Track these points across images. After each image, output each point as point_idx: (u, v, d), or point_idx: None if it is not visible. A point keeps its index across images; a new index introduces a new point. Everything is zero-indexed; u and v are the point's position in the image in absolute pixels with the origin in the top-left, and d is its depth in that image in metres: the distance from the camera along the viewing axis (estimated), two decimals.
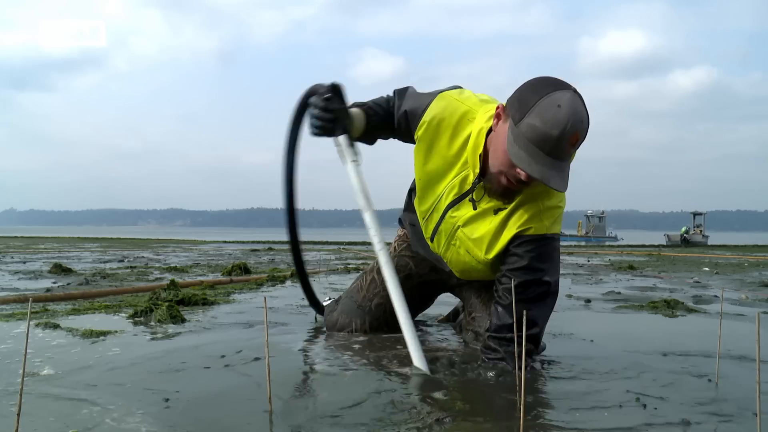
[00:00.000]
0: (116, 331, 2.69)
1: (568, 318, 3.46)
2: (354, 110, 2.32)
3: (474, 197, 2.17)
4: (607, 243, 37.23)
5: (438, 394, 1.76)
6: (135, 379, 1.89)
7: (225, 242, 23.25)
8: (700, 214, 42.74)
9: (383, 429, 1.45)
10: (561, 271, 7.49)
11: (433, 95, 2.25)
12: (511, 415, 1.56)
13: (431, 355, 2.22)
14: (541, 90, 1.84)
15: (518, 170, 1.89)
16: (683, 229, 39.32)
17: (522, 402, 1.29)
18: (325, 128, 2.24)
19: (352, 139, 2.33)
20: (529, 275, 2.10)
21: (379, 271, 2.63)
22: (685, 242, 35.17)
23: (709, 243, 34.37)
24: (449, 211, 2.25)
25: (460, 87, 2.30)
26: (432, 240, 2.40)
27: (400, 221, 2.79)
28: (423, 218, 2.41)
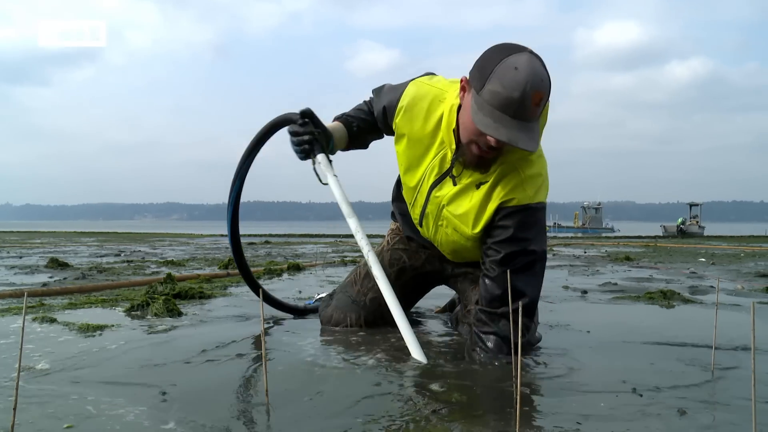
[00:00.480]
0: (113, 325, 2.69)
1: (564, 309, 3.47)
2: (333, 125, 2.48)
3: (454, 173, 2.20)
4: (603, 234, 37.28)
5: (434, 386, 1.77)
6: (131, 373, 1.89)
7: (222, 236, 23.21)
8: (697, 204, 42.82)
9: (379, 421, 1.45)
10: (558, 263, 7.52)
11: (405, 84, 2.34)
12: (508, 405, 1.57)
13: (427, 347, 2.22)
14: (497, 56, 1.87)
15: (487, 138, 1.92)
16: (679, 220, 39.38)
17: (518, 392, 1.30)
18: (306, 150, 2.39)
19: (331, 154, 2.48)
20: (514, 246, 2.11)
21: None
22: (682, 233, 35.23)
23: (705, 234, 34.45)
24: (433, 192, 2.28)
25: (432, 73, 2.37)
26: (421, 225, 2.43)
27: (393, 215, 2.80)
28: (410, 203, 2.45)
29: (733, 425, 1.46)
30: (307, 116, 2.39)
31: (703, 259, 8.73)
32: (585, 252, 10.93)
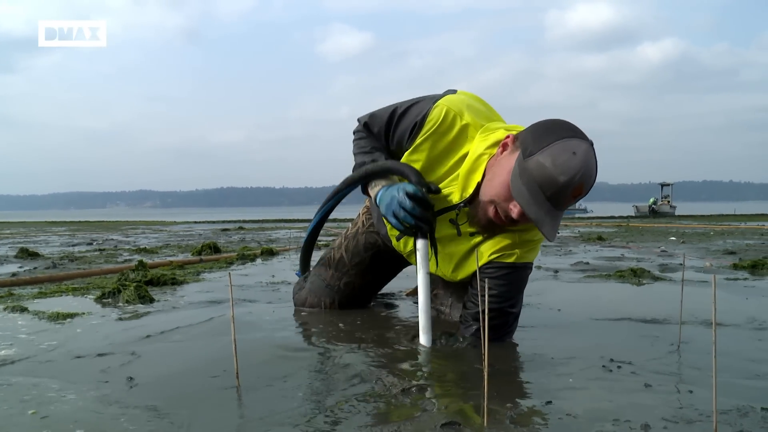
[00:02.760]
0: (83, 313, 2.67)
1: (536, 288, 3.50)
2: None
3: (458, 221, 2.09)
4: (576, 215, 37.57)
5: (404, 365, 1.78)
6: (99, 360, 1.88)
7: (195, 222, 23.09)
8: (668, 185, 43.31)
9: (350, 401, 1.46)
10: None
11: (426, 104, 2.10)
12: (477, 383, 1.58)
13: (398, 329, 2.23)
14: (559, 132, 1.77)
15: (511, 206, 1.83)
16: (651, 200, 39.80)
17: (486, 369, 1.31)
18: (412, 230, 2.03)
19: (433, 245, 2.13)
20: (495, 305, 2.06)
21: (347, 249, 2.64)
22: (653, 213, 35.63)
23: (676, 213, 34.90)
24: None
25: (452, 91, 2.16)
26: (398, 239, 2.28)
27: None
28: None
29: (694, 396, 1.49)
30: (434, 192, 2.02)
31: (674, 238, 8.86)
32: (558, 233, 11.03)
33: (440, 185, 2.09)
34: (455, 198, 2.07)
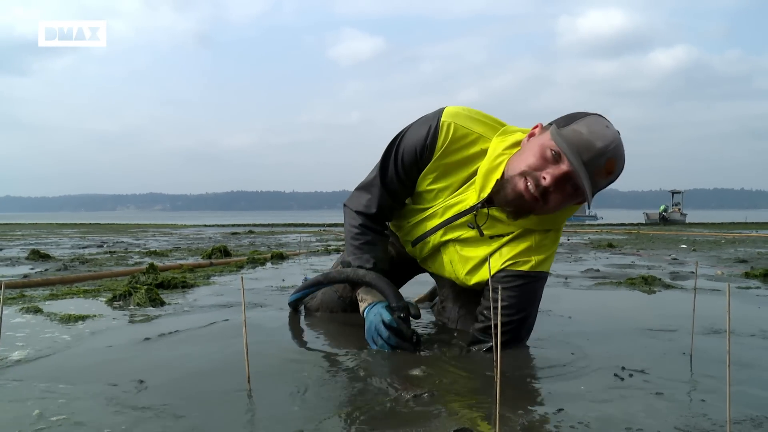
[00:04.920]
0: (95, 316, 2.68)
1: (546, 295, 3.46)
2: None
3: (478, 222, 2.07)
4: (587, 222, 37.46)
5: (416, 371, 1.78)
6: (110, 362, 1.88)
7: (205, 226, 23.14)
8: (679, 192, 43.10)
9: (361, 407, 1.46)
10: None
11: (423, 126, 2.07)
12: (489, 390, 1.58)
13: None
14: (591, 114, 1.85)
15: (543, 174, 1.81)
16: (662, 207, 39.62)
17: (498, 375, 1.31)
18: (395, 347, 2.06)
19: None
20: (506, 317, 2.02)
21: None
22: (664, 220, 35.46)
23: (687, 221, 34.70)
24: (443, 228, 2.16)
25: (444, 108, 2.12)
26: (414, 245, 2.30)
27: None
28: (407, 222, 2.30)
29: (707, 405, 1.48)
30: (408, 314, 2.10)
31: (685, 246, 8.82)
32: (568, 239, 11.00)
33: (456, 192, 2.10)
34: (472, 200, 2.06)
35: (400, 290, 2.82)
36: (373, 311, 2.13)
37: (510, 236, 2.06)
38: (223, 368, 1.80)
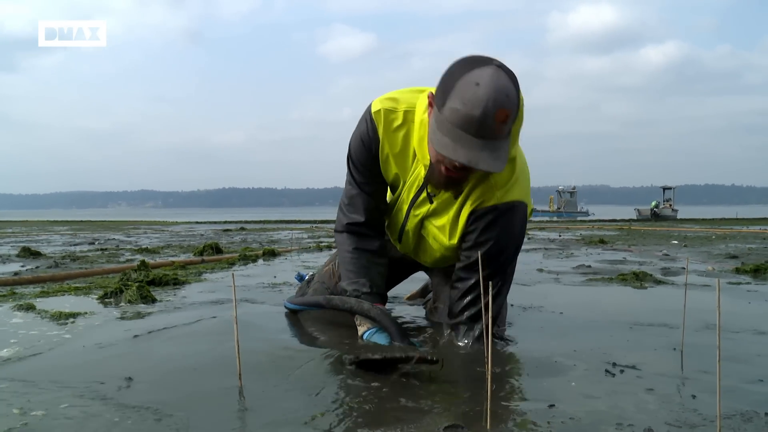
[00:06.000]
0: (86, 313, 2.67)
1: (538, 291, 3.50)
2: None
3: (429, 191, 2.09)
4: (578, 218, 37.58)
5: (407, 367, 1.77)
6: (99, 359, 1.88)
7: (197, 223, 23.09)
8: (670, 188, 43.28)
9: (352, 404, 1.46)
10: (533, 246, 7.58)
11: (365, 118, 2.14)
12: (480, 386, 1.58)
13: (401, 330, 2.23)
14: (459, 71, 1.73)
15: (452, 161, 1.80)
16: (653, 203, 39.77)
17: (489, 373, 1.31)
18: None
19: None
20: (482, 248, 2.03)
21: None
22: (655, 216, 35.63)
23: (678, 217, 34.86)
24: (411, 210, 2.19)
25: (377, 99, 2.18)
26: (400, 241, 2.32)
27: None
28: (388, 219, 2.35)
29: (698, 401, 1.49)
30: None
31: (676, 242, 8.86)
32: (560, 236, 11.04)
33: (408, 169, 2.13)
34: (422, 172, 2.07)
35: (393, 288, 2.83)
36: (375, 340, 2.12)
37: (469, 185, 2.03)
38: (214, 365, 1.80)
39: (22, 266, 5.12)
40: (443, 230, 2.14)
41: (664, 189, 43.48)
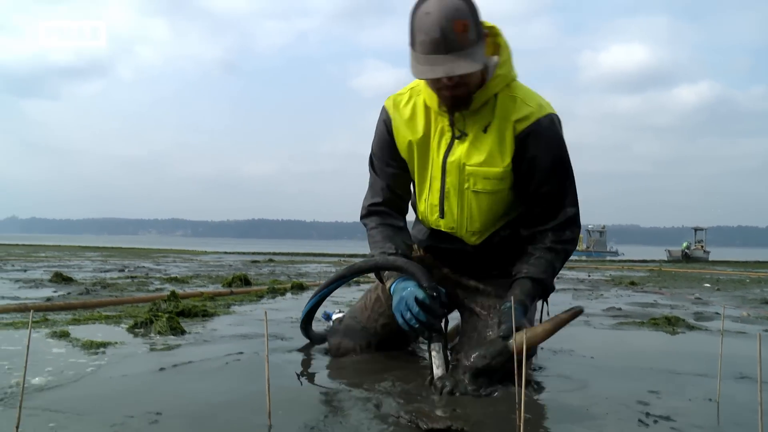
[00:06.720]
0: (116, 343, 2.69)
1: (568, 334, 3.44)
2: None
3: (459, 128, 2.22)
4: (608, 258, 37.16)
5: (438, 411, 1.76)
6: (129, 392, 1.89)
7: (225, 253, 23.25)
8: (702, 229, 42.69)
9: None
10: (562, 286, 7.50)
11: (380, 122, 2.40)
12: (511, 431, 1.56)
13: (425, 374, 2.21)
14: (413, 10, 2.01)
15: (442, 80, 2.04)
16: (684, 244, 39.24)
17: (521, 419, 1.29)
18: (423, 331, 2.13)
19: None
20: (542, 164, 2.19)
21: (383, 288, 2.48)
22: (687, 258, 35.10)
23: (710, 258, 34.30)
24: (447, 160, 2.25)
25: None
26: (443, 216, 2.31)
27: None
28: (424, 198, 2.37)
29: None
30: (439, 295, 2.14)
31: (708, 285, 8.69)
32: (589, 276, 10.90)
33: (433, 135, 2.28)
34: (443, 122, 2.25)
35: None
36: (403, 285, 2.18)
37: (494, 111, 2.19)
38: (244, 401, 1.80)
39: (55, 291, 5.20)
40: (490, 160, 2.19)
41: (696, 230, 42.89)
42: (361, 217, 2.50)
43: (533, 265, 2.24)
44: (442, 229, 2.36)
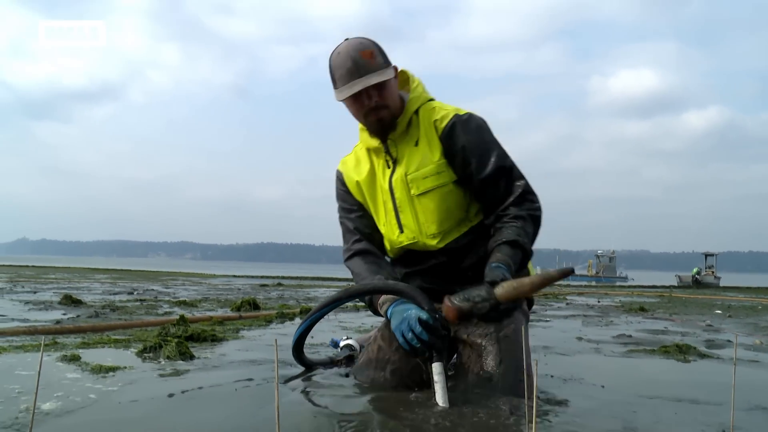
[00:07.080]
0: (125, 367, 2.69)
1: (578, 362, 3.43)
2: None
3: (392, 155, 2.48)
4: (617, 283, 36.94)
5: None
6: (138, 418, 1.89)
7: (234, 276, 23.26)
8: (712, 254, 42.43)
9: None
10: (571, 312, 7.46)
11: (336, 182, 2.73)
12: None
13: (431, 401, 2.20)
14: (329, 59, 2.39)
15: (362, 100, 2.36)
16: (695, 270, 38.99)
17: None
18: (424, 352, 2.13)
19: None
20: (468, 147, 2.38)
21: (383, 337, 2.47)
22: (697, 283, 34.86)
23: (721, 284, 34.05)
24: (392, 180, 2.48)
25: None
26: (402, 230, 2.49)
27: None
28: (383, 224, 2.58)
29: None
30: (441, 317, 2.13)
31: (719, 311, 8.62)
32: (599, 301, 10.84)
33: (378, 173, 2.55)
34: (383, 157, 2.54)
35: None
36: (403, 307, 2.21)
37: (419, 129, 2.46)
38: (253, 429, 1.79)
39: (64, 314, 5.21)
40: (424, 160, 2.42)
41: (706, 255, 42.64)
42: (345, 261, 2.66)
43: (505, 232, 2.31)
44: (405, 244, 2.51)
